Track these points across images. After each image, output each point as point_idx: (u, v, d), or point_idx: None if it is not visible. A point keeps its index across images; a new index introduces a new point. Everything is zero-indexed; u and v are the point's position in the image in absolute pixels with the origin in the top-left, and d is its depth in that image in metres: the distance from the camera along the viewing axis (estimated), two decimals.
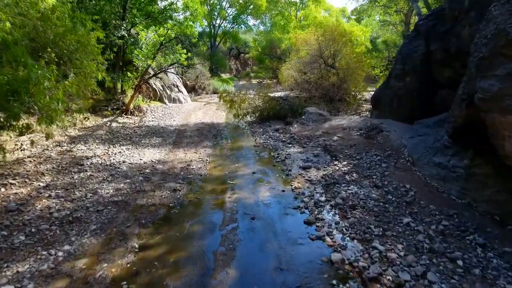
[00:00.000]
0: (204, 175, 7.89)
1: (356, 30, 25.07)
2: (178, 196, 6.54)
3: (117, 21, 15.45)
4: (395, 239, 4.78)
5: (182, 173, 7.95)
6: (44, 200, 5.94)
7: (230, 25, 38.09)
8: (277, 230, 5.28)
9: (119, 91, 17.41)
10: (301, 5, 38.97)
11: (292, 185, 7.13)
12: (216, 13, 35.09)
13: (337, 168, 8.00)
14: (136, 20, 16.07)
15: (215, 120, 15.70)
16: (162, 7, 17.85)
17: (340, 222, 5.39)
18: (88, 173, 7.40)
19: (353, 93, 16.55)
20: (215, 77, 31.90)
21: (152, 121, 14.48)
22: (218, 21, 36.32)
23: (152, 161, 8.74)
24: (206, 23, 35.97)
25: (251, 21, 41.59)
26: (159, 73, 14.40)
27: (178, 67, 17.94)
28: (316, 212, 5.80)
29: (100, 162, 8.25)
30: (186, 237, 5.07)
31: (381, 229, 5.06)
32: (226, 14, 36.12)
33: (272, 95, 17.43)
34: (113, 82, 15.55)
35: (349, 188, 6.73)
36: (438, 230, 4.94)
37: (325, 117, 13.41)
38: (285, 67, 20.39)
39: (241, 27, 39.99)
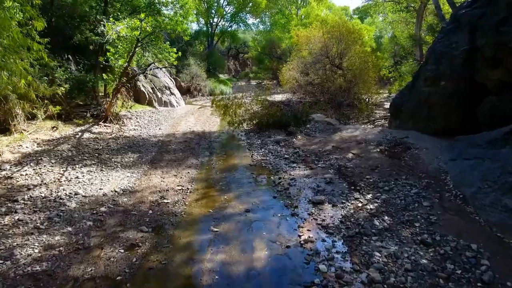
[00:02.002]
0: (180, 215, 5.67)
1: (361, 28, 22.80)
2: (134, 260, 4.33)
3: (97, 16, 13.25)
4: None
5: (150, 211, 5.74)
6: None
7: (228, 24, 35.80)
8: None
9: (101, 94, 15.25)
10: (302, 3, 36.65)
11: (300, 235, 4.92)
12: (213, 11, 32.80)
13: (360, 204, 5.79)
14: (120, 16, 13.86)
15: (207, 128, 13.48)
16: (149, 0, 15.67)
17: None
18: (17, 217, 5.18)
19: (365, 98, 14.30)
20: (212, 78, 29.70)
21: (134, 129, 12.26)
22: (215, 20, 34.06)
23: (116, 192, 6.52)
24: (203, 22, 33.75)
25: (250, 20, 39.30)
26: (137, 75, 12.15)
27: (166, 67, 15.63)
28: None
29: (43, 195, 6.04)
30: None
31: None
32: (224, 12, 33.83)
33: (272, 98, 15.23)
34: (93, 85, 13.42)
35: (384, 244, 4.51)
36: None
37: (334, 127, 11.20)
38: (287, 68, 18.17)
39: (240, 26, 37.71)
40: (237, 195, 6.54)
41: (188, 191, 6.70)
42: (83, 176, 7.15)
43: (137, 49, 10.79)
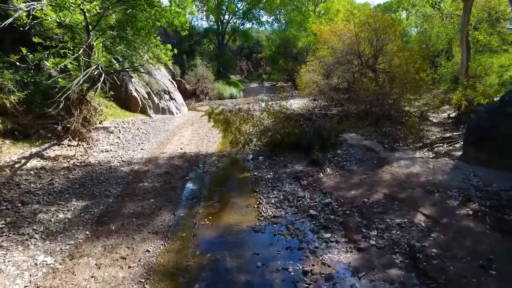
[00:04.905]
0: None
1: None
2: None
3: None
4: None
5: None
6: None
7: (240, 21, 32.21)
8: None
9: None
10: None
11: None
12: (224, 7, 29.32)
13: None
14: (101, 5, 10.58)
15: (204, 147, 10.10)
16: None
17: None
18: None
19: (412, 110, 10.55)
20: (222, 79, 26.33)
21: (107, 151, 9.00)
22: (226, 17, 30.56)
23: None
24: (213, 19, 30.41)
25: (264, 17, 35.70)
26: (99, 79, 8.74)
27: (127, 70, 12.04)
28: None
29: None
30: None
31: None
32: (236, 9, 30.30)
33: (287, 105, 11.45)
34: (58, 92, 10.20)
35: None
36: None
37: (378, 155, 7.56)
38: (305, 70, 14.57)
39: (253, 23, 34.12)
40: None
41: None
42: None
43: (97, 42, 7.41)
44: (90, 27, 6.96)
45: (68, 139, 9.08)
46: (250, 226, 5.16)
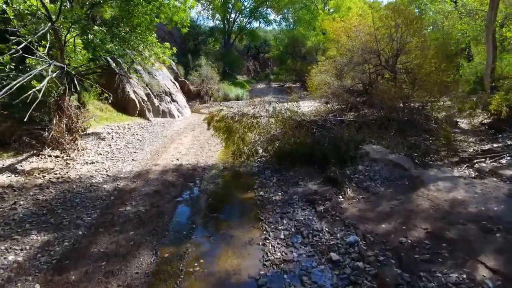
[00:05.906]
0: None
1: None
2: None
3: None
4: None
5: None
6: None
7: (247, 20, 30.85)
8: None
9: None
10: None
11: None
12: (230, 6, 28.02)
13: None
14: None
15: (204, 157, 8.85)
16: None
17: None
18: None
19: (443, 117, 9.09)
20: (228, 80, 25.09)
21: (91, 162, 7.82)
22: (232, 15, 29.26)
23: None
24: (219, 18, 29.16)
25: (272, 16, 34.32)
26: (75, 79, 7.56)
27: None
28: None
29: None
30: None
31: None
32: (242, 7, 28.98)
33: (296, 108, 9.97)
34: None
35: None
36: None
37: (409, 173, 6.18)
38: (317, 70, 13.20)
39: (260, 22, 32.73)
40: None
41: None
42: None
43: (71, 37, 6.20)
44: (53, 17, 5.74)
45: (50, 147, 7.96)
46: (252, 276, 3.87)
